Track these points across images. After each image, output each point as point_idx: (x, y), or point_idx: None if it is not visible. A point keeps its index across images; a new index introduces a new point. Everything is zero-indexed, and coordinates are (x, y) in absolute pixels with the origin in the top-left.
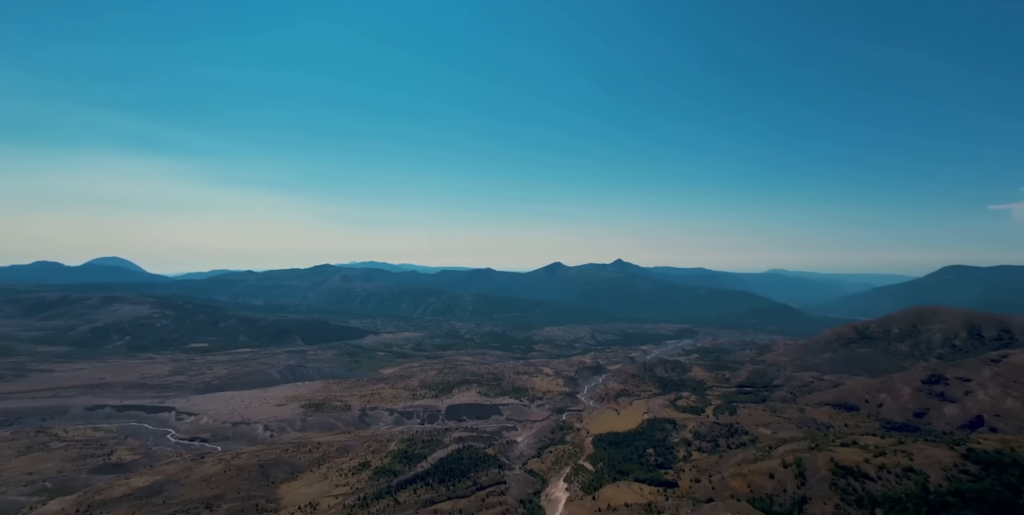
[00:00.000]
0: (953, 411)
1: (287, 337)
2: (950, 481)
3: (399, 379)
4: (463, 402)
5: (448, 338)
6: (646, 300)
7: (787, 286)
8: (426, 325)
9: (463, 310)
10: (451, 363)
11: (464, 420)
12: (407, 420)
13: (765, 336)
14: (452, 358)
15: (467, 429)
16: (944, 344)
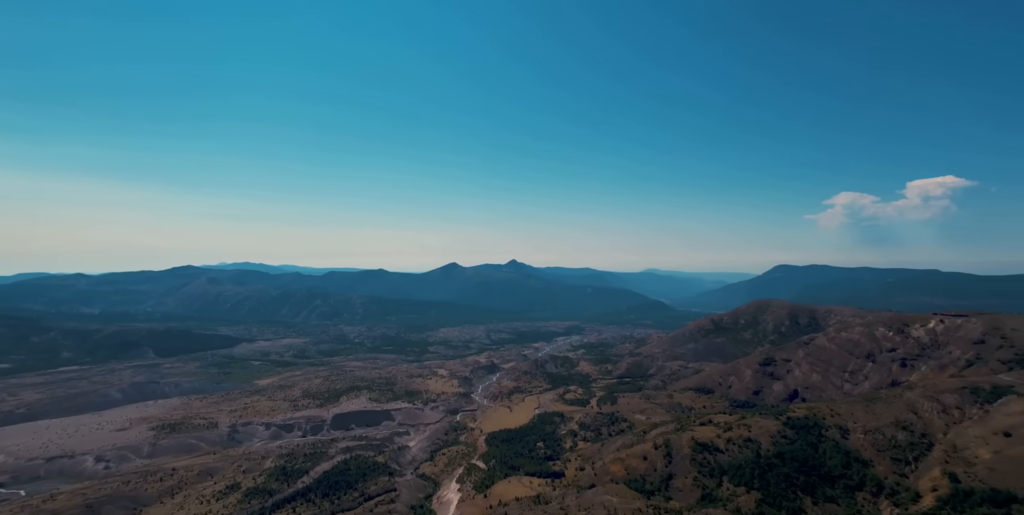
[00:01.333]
0: (779, 387)
1: (134, 350)
2: (775, 446)
3: (278, 390)
4: (352, 410)
5: (336, 343)
6: (538, 299)
7: (660, 284)
8: (311, 330)
9: (353, 313)
10: (339, 369)
11: (352, 429)
12: (287, 433)
13: (642, 330)
14: (340, 364)
15: (355, 438)
16: (775, 331)
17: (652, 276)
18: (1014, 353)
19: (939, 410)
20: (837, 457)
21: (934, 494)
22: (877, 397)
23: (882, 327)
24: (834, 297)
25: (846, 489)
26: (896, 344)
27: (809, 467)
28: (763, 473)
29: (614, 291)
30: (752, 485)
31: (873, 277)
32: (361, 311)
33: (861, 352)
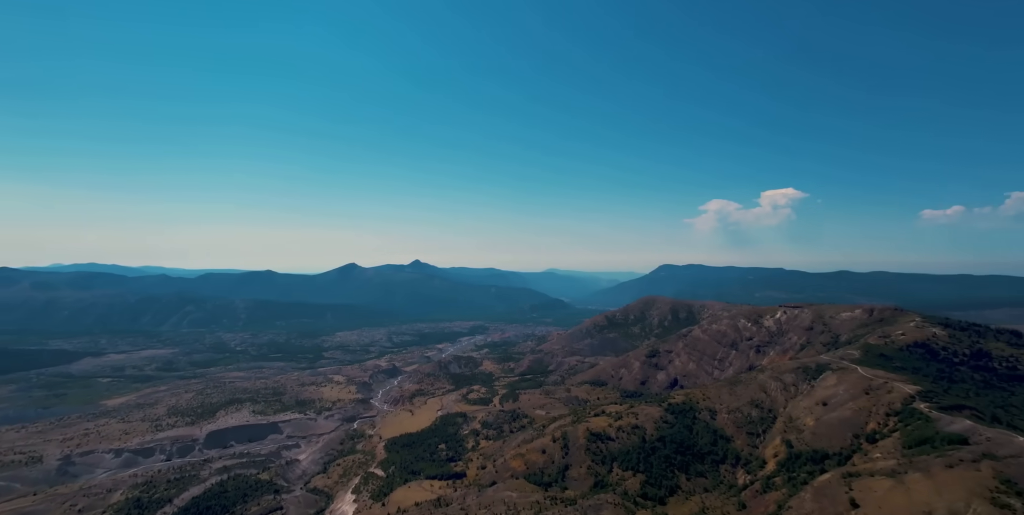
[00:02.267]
0: (662, 376)
1: None
2: (658, 430)
3: (135, 409)
4: (231, 425)
5: (213, 353)
6: (443, 299)
7: (561, 283)
8: (181, 340)
9: (235, 319)
10: (216, 382)
11: (232, 446)
12: (145, 459)
13: (543, 328)
14: (217, 376)
15: (236, 456)
16: (659, 325)
17: (553, 276)
18: (831, 336)
19: (781, 388)
20: (707, 436)
21: (775, 459)
22: (738, 380)
23: (743, 319)
24: (708, 293)
25: (713, 463)
26: (753, 333)
27: (685, 447)
28: (647, 456)
29: (517, 290)
30: (638, 468)
31: (737, 275)
32: (244, 316)
33: (727, 341)
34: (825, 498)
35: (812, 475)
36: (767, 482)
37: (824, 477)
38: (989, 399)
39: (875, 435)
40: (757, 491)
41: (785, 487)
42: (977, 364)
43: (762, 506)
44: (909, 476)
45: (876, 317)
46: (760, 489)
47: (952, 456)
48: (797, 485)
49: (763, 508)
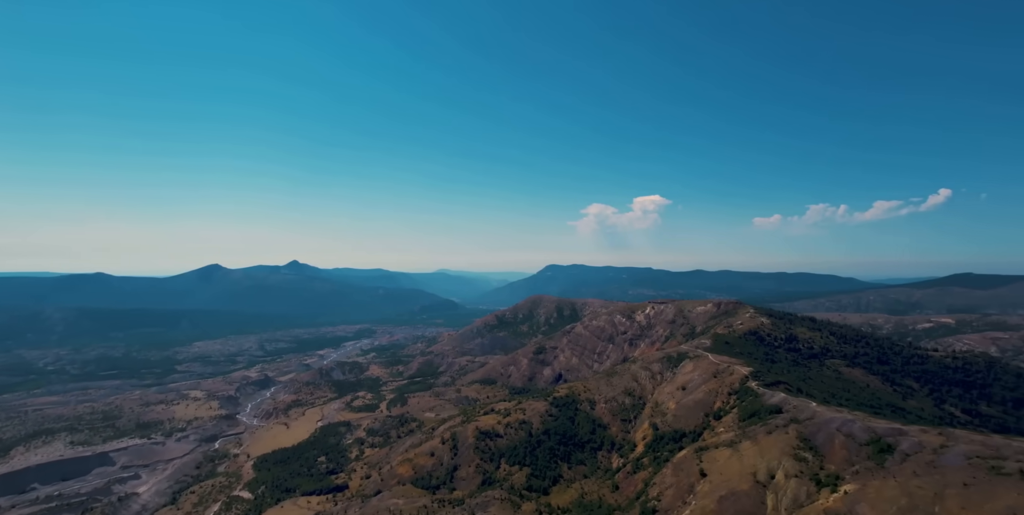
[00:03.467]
0: (548, 372)
1: None
2: (544, 424)
3: None
4: (34, 463)
5: (10, 375)
6: (326, 302)
7: (451, 284)
8: None
9: (47, 332)
10: (12, 411)
11: (33, 489)
12: None
13: (434, 329)
14: (16, 404)
15: (40, 501)
16: (546, 323)
17: (444, 276)
18: (689, 328)
19: (650, 376)
20: (587, 426)
21: (644, 442)
22: (614, 372)
23: (619, 315)
24: (590, 291)
25: (591, 451)
26: (627, 328)
27: (568, 438)
28: (533, 450)
29: (407, 292)
30: (524, 462)
31: (614, 274)
32: (62, 328)
33: (605, 336)
34: (681, 472)
35: (673, 453)
36: (637, 463)
37: (681, 454)
38: (796, 374)
39: (720, 412)
40: (628, 472)
41: (651, 466)
42: (789, 346)
43: (632, 486)
44: (742, 444)
45: (723, 310)
46: (631, 470)
47: (771, 424)
48: (661, 463)
49: (633, 487)
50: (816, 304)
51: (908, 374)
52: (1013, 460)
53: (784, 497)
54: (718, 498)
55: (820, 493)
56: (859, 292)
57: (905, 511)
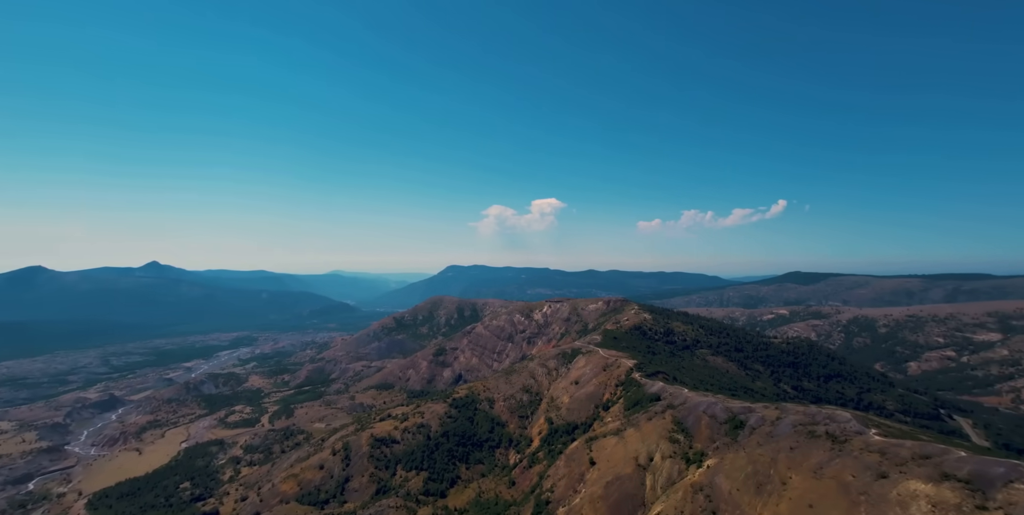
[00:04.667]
0: (448, 373)
1: None
2: (443, 425)
3: None
4: None
5: None
6: (195, 308)
7: (346, 286)
8: None
9: None
10: None
11: None
12: None
13: (326, 334)
14: None
15: None
16: (446, 324)
17: (338, 278)
18: (583, 325)
19: (546, 373)
20: (486, 424)
21: (539, 436)
22: (513, 370)
23: (518, 314)
24: (490, 292)
25: (490, 449)
26: (525, 326)
27: (467, 438)
28: (432, 453)
29: (296, 295)
30: (422, 467)
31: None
32: None
33: (505, 335)
34: (573, 462)
35: (566, 445)
36: (532, 458)
37: (573, 445)
38: (673, 364)
39: (608, 403)
40: (524, 467)
41: (546, 459)
42: (667, 339)
43: (528, 480)
44: (627, 432)
45: (612, 307)
46: (527, 465)
47: (651, 411)
48: (555, 455)
49: (529, 481)
50: (689, 300)
51: (756, 359)
52: (822, 425)
53: (660, 476)
54: (605, 483)
55: (689, 469)
56: (722, 289)
57: (750, 476)
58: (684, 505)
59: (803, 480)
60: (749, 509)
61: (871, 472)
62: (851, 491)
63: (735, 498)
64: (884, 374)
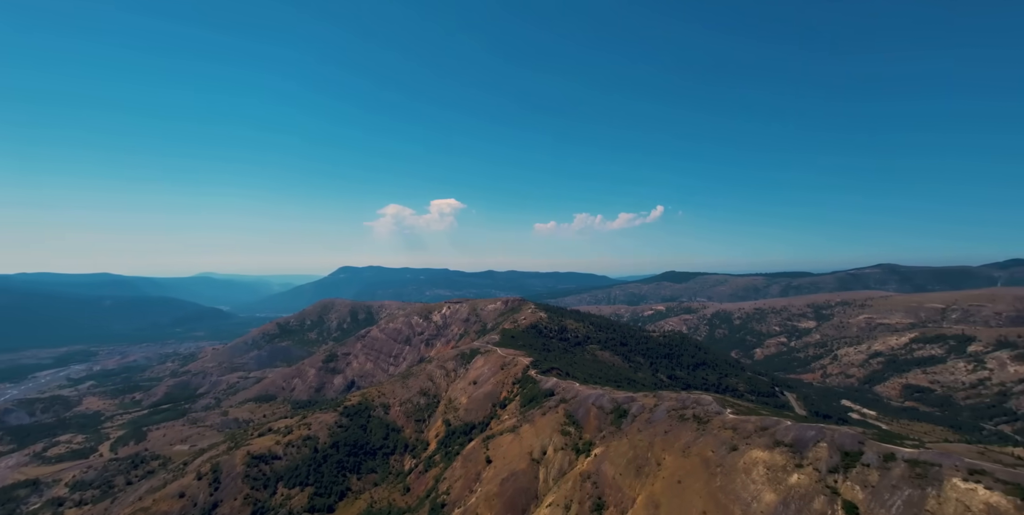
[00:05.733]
0: (339, 380)
1: None
2: (332, 436)
3: None
4: None
5: None
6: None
7: (218, 289)
8: None
9: None
10: None
11: None
12: None
13: (193, 344)
14: None
15: None
16: (338, 328)
17: (208, 281)
18: (481, 325)
19: (444, 374)
20: (380, 431)
21: (436, 439)
22: (410, 373)
23: (416, 316)
24: (387, 293)
25: (384, 457)
26: (424, 328)
27: (359, 447)
28: (319, 466)
29: (152, 301)
30: (307, 482)
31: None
32: None
33: (402, 338)
34: (470, 462)
35: (463, 446)
36: (428, 461)
37: (471, 445)
38: (566, 360)
39: (505, 401)
40: (420, 472)
41: (443, 462)
42: (561, 336)
43: (423, 484)
44: (522, 428)
45: (510, 307)
46: (423, 469)
47: (545, 406)
48: (452, 457)
49: (424, 486)
50: (580, 299)
51: (638, 352)
52: (690, 409)
53: (552, 469)
54: (500, 480)
55: (578, 459)
56: (609, 288)
57: (631, 461)
58: (573, 493)
59: (674, 459)
60: (629, 491)
61: (726, 446)
62: (711, 464)
63: (618, 482)
64: (738, 360)
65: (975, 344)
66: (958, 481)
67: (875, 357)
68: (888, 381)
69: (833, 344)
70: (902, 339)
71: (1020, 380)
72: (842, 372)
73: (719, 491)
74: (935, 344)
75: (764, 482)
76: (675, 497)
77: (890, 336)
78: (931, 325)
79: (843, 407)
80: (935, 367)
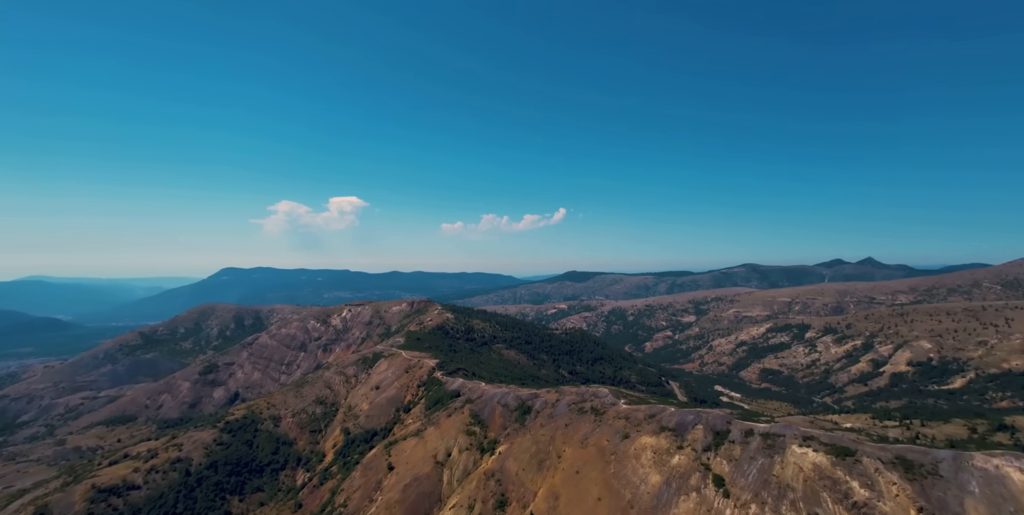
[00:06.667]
0: (220, 393)
1: None
2: (210, 456)
3: None
4: None
5: None
6: None
7: (54, 296)
8: None
9: None
10: None
11: None
12: None
13: (15, 362)
14: None
15: None
16: (220, 336)
17: (40, 286)
18: (385, 328)
19: (344, 381)
20: (268, 446)
21: (334, 450)
22: (305, 381)
23: (312, 320)
24: (278, 297)
25: (273, 473)
26: (322, 333)
27: (243, 465)
28: (191, 492)
29: None
30: (175, 511)
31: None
32: None
33: (296, 344)
34: (370, 471)
35: (363, 454)
36: (324, 474)
37: (371, 453)
38: (472, 360)
39: (410, 405)
40: (315, 486)
41: (340, 473)
42: (468, 337)
43: (318, 498)
44: (427, 431)
45: (416, 309)
46: (318, 483)
47: (451, 407)
48: (351, 467)
49: (319, 500)
50: (488, 299)
51: (542, 349)
52: (589, 402)
53: (456, 470)
54: (403, 487)
55: (483, 458)
56: (515, 287)
57: (534, 455)
58: (477, 493)
59: (573, 451)
60: (531, 485)
61: (619, 435)
62: (605, 453)
63: (520, 478)
64: (631, 354)
65: (810, 331)
66: (796, 447)
67: (741, 346)
68: (750, 366)
69: (709, 336)
70: (760, 329)
71: (839, 359)
72: (716, 360)
73: (612, 477)
74: (784, 333)
75: (651, 465)
76: (573, 487)
77: (752, 327)
78: (781, 316)
79: (716, 392)
80: (783, 352)
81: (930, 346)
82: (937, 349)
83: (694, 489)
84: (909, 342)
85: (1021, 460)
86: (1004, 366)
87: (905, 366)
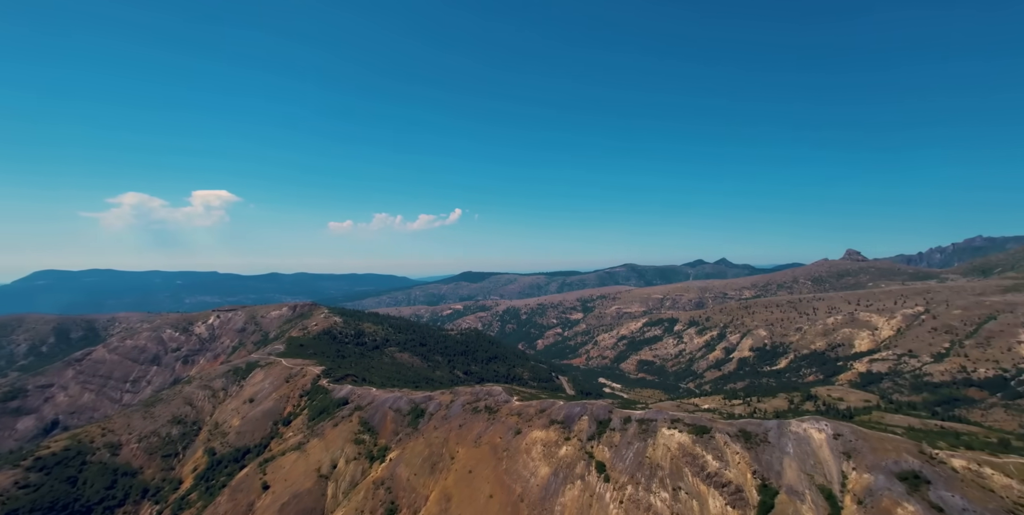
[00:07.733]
0: (28, 423)
1: None
2: (8, 503)
3: None
4: None
5: None
6: None
7: None
8: None
9: None
10: None
11: None
12: None
13: None
14: None
15: None
16: (33, 353)
17: None
18: (262, 335)
19: (210, 395)
20: (101, 480)
21: (194, 474)
22: (158, 399)
23: (169, 329)
24: (123, 303)
25: (106, 512)
26: (181, 343)
27: (63, 509)
28: None
29: None
30: None
31: (163, 280)
32: None
33: (147, 357)
34: (239, 493)
35: (232, 475)
36: (181, 502)
37: (242, 473)
38: (363, 365)
39: (291, 417)
40: None
41: (201, 500)
42: (358, 341)
43: None
44: (310, 443)
45: (298, 312)
46: (172, 514)
47: (338, 416)
48: (215, 492)
49: None
50: (380, 301)
51: (437, 351)
52: (483, 401)
53: (343, 482)
54: (279, 507)
55: (372, 467)
56: (410, 289)
57: (427, 459)
58: (364, 504)
59: (467, 451)
60: (423, 489)
61: (512, 431)
62: (498, 450)
63: (412, 483)
64: (524, 351)
65: (678, 325)
66: (665, 430)
67: (621, 340)
68: (628, 359)
69: (595, 332)
70: (638, 324)
71: (700, 348)
72: (600, 354)
73: (504, 473)
74: (657, 326)
75: (541, 458)
76: (466, 487)
77: (631, 322)
78: (655, 312)
79: (600, 384)
80: (656, 344)
81: (765, 333)
82: (769, 336)
83: (579, 477)
84: (751, 331)
85: (820, 422)
86: (812, 347)
87: (748, 352)
